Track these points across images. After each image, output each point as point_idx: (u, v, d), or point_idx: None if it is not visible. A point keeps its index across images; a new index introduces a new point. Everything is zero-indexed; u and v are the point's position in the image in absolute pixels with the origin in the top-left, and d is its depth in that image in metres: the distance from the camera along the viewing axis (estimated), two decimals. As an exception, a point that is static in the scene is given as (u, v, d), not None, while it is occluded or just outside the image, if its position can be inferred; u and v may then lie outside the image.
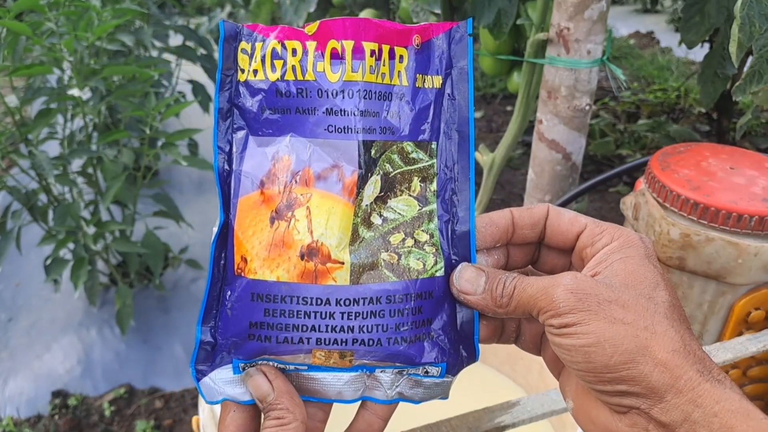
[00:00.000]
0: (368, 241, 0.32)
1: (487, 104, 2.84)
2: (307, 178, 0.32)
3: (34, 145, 1.16)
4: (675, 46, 3.41)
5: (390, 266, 0.32)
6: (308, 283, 0.31)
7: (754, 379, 0.71)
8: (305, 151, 0.32)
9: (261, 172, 0.32)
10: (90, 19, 1.09)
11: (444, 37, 0.34)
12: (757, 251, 0.64)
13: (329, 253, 0.31)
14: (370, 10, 1.42)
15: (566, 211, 0.35)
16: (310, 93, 0.32)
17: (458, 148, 0.35)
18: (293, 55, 0.32)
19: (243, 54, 0.33)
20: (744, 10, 0.67)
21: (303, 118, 0.32)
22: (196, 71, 1.63)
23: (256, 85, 0.32)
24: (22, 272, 1.52)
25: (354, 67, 0.32)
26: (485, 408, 0.48)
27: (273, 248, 0.31)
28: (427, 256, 0.33)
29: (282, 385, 0.32)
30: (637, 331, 0.29)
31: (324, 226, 0.31)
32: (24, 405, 1.19)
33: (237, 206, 0.32)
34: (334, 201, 0.31)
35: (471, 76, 0.35)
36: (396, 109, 0.33)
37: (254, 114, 0.33)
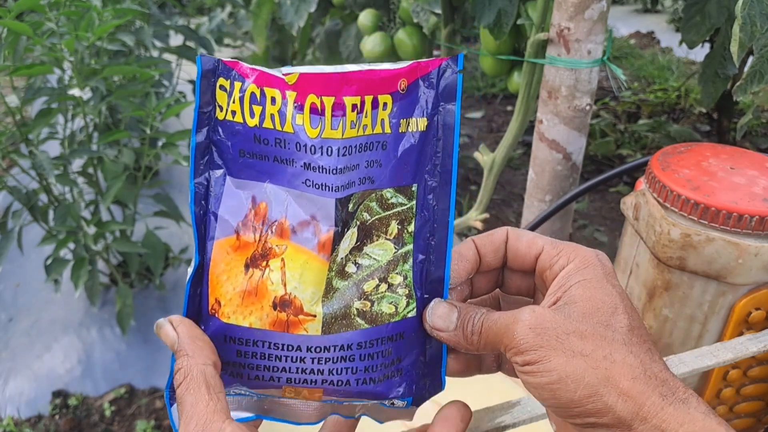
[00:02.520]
0: (342, 291, 0.32)
1: (487, 104, 2.84)
2: (282, 230, 0.31)
3: (34, 145, 1.16)
4: (675, 46, 3.41)
5: (362, 314, 0.32)
6: (280, 331, 0.31)
7: (755, 379, 0.71)
8: (282, 201, 0.31)
9: (238, 217, 0.32)
10: (90, 19, 1.09)
11: (434, 74, 0.33)
12: (758, 251, 0.64)
13: (302, 306, 0.31)
14: (371, 10, 1.42)
15: (524, 233, 0.36)
16: (289, 144, 0.31)
17: (440, 190, 0.34)
18: (272, 103, 0.31)
19: (221, 91, 0.31)
20: (745, 9, 0.67)
21: (281, 167, 0.31)
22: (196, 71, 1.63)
23: (234, 127, 0.31)
24: (22, 272, 1.52)
25: (333, 124, 0.31)
26: (485, 408, 0.48)
27: (246, 295, 0.31)
28: (399, 299, 0.33)
29: (184, 329, 0.32)
30: (596, 363, 0.29)
31: (298, 280, 0.31)
32: (24, 405, 1.19)
33: (212, 248, 0.32)
34: (308, 256, 0.31)
35: (458, 116, 0.34)
36: (377, 158, 0.32)
37: (232, 155, 0.32)
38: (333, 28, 1.68)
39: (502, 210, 1.92)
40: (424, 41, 1.38)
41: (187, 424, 0.29)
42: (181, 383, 0.30)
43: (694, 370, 0.55)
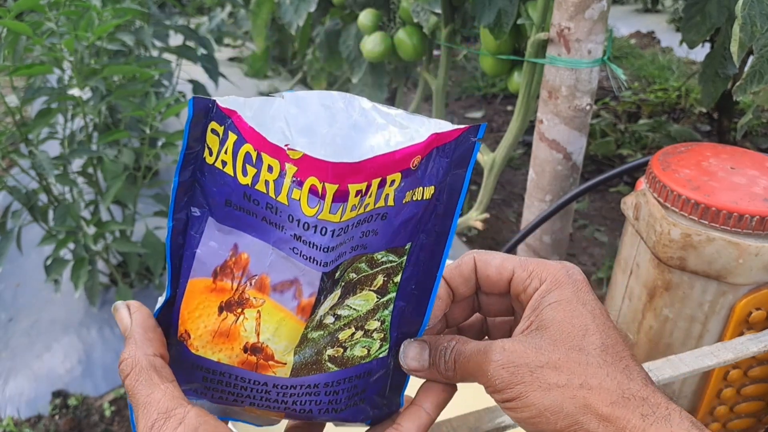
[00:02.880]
0: (316, 340, 0.32)
1: (487, 104, 2.84)
2: (262, 285, 0.30)
3: (34, 145, 1.16)
4: (676, 45, 3.40)
5: (334, 359, 0.32)
6: (248, 370, 0.31)
7: (755, 379, 0.71)
8: (266, 258, 0.30)
9: (216, 261, 0.31)
10: (90, 18, 1.09)
11: (451, 144, 0.31)
12: (758, 251, 0.64)
13: (273, 355, 0.31)
14: (371, 10, 1.42)
15: (492, 258, 0.35)
16: (281, 213, 0.29)
17: (434, 247, 0.33)
18: (269, 171, 0.28)
19: (213, 134, 0.29)
20: (745, 9, 0.67)
21: (269, 228, 0.30)
22: (196, 71, 1.63)
23: (224, 177, 0.29)
24: (22, 272, 1.52)
25: (333, 209, 0.28)
26: (486, 408, 0.48)
27: (218, 335, 0.31)
28: (373, 342, 0.33)
29: (139, 317, 0.31)
30: (573, 392, 0.29)
31: (272, 333, 0.31)
32: (24, 405, 1.19)
33: (187, 286, 0.31)
34: (286, 315, 0.30)
35: (467, 180, 0.32)
36: (375, 228, 0.31)
37: (218, 201, 0.30)
38: (333, 28, 1.68)
39: (502, 210, 1.92)
40: (424, 41, 1.38)
41: (147, 413, 0.28)
42: (129, 373, 0.29)
43: (695, 370, 0.55)
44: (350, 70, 1.57)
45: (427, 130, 0.30)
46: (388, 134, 0.30)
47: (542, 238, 1.04)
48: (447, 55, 1.37)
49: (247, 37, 2.95)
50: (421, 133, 0.30)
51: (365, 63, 1.53)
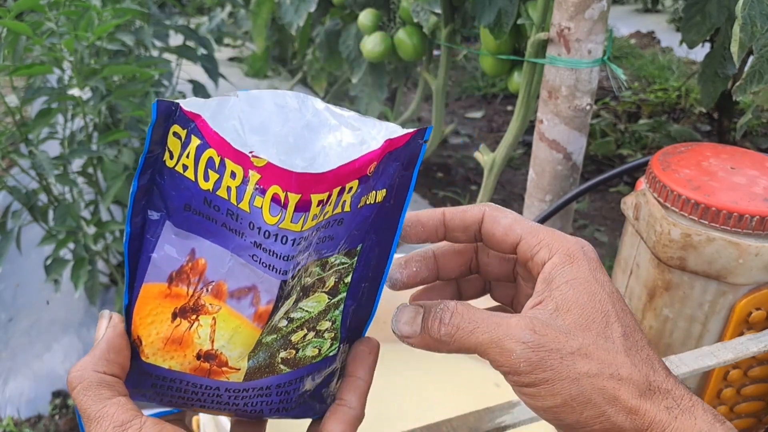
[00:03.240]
0: (270, 344, 0.31)
1: (487, 104, 2.84)
2: (219, 291, 0.30)
3: (34, 145, 1.16)
4: (676, 45, 3.40)
5: (286, 361, 0.32)
6: (200, 376, 0.31)
7: (755, 379, 0.71)
8: (223, 264, 0.29)
9: (172, 266, 0.30)
10: (90, 18, 1.09)
11: (401, 148, 0.31)
12: (758, 251, 0.64)
13: (227, 361, 0.30)
14: (371, 10, 1.42)
15: (503, 217, 0.33)
16: (241, 220, 0.28)
17: (383, 245, 0.33)
18: (231, 177, 0.28)
19: (175, 138, 0.29)
20: (745, 9, 0.67)
21: (229, 234, 0.29)
22: (196, 71, 1.63)
23: (184, 181, 0.29)
24: (22, 272, 1.52)
25: (294, 218, 0.28)
26: (486, 408, 0.48)
27: (170, 343, 0.30)
28: (324, 342, 0.33)
29: (110, 334, 0.30)
30: (603, 383, 0.28)
31: (227, 340, 0.30)
32: (24, 405, 1.19)
33: (140, 290, 0.31)
34: (242, 322, 0.30)
35: (414, 180, 0.32)
36: (331, 234, 0.31)
37: (176, 205, 0.29)
38: (333, 28, 1.68)
39: (502, 210, 1.92)
40: (424, 41, 1.37)
41: (100, 427, 0.27)
42: (76, 387, 0.28)
43: (695, 370, 0.55)
44: (350, 70, 1.57)
45: (379, 132, 0.30)
46: (340, 135, 0.30)
47: (542, 238, 1.04)
48: (447, 55, 1.37)
49: (247, 37, 2.95)
50: (374, 135, 0.30)
51: (365, 63, 1.53)
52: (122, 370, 0.30)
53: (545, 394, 0.28)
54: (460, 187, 2.03)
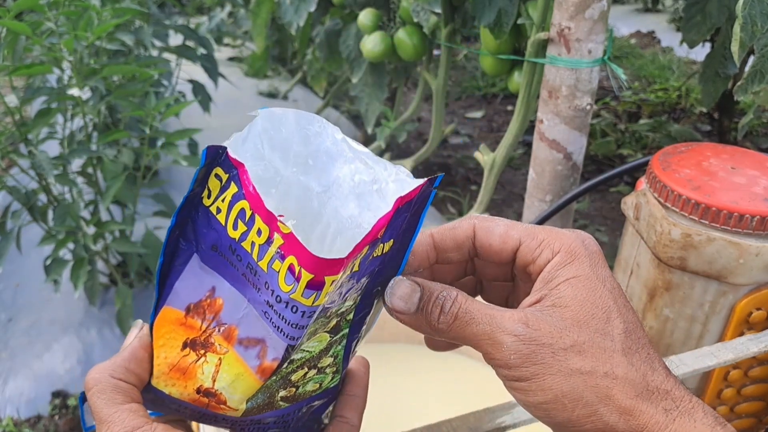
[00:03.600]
0: (269, 386, 0.31)
1: (487, 104, 2.83)
2: (230, 336, 0.30)
3: (33, 145, 1.16)
4: (676, 45, 3.40)
5: (285, 398, 0.32)
6: (199, 406, 0.31)
7: (756, 380, 0.71)
8: (239, 310, 0.30)
9: (192, 298, 0.31)
10: (90, 18, 1.09)
11: (412, 201, 0.30)
12: (759, 251, 0.64)
13: (226, 401, 0.31)
14: (371, 10, 1.42)
15: (496, 226, 0.32)
16: (259, 277, 0.29)
17: (386, 281, 0.32)
18: (257, 234, 0.28)
19: (216, 179, 0.29)
20: (746, 9, 0.67)
21: (247, 284, 0.29)
22: (196, 71, 1.63)
23: (214, 222, 0.30)
24: (21, 272, 1.52)
25: (305, 294, 0.28)
26: (486, 408, 0.48)
27: (175, 370, 0.31)
28: (326, 377, 0.33)
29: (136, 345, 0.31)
30: (597, 380, 0.27)
31: (228, 383, 0.30)
32: (24, 405, 1.19)
33: (159, 312, 0.31)
34: (245, 371, 0.30)
35: (422, 222, 0.32)
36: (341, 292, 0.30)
37: (205, 242, 0.30)
38: (333, 28, 1.68)
39: (502, 210, 1.92)
40: (424, 41, 1.37)
41: (109, 431, 0.28)
42: (91, 389, 0.29)
43: (695, 370, 0.55)
44: (350, 69, 1.57)
45: (389, 175, 0.30)
46: (354, 168, 0.30)
47: (542, 238, 1.04)
48: (447, 55, 1.37)
49: (246, 37, 2.95)
50: (384, 177, 0.30)
51: (365, 63, 1.53)
52: (140, 381, 0.31)
53: (535, 389, 0.28)
54: (460, 187, 2.03)
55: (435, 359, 0.79)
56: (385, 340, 0.79)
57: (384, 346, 0.79)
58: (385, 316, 0.34)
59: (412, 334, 0.91)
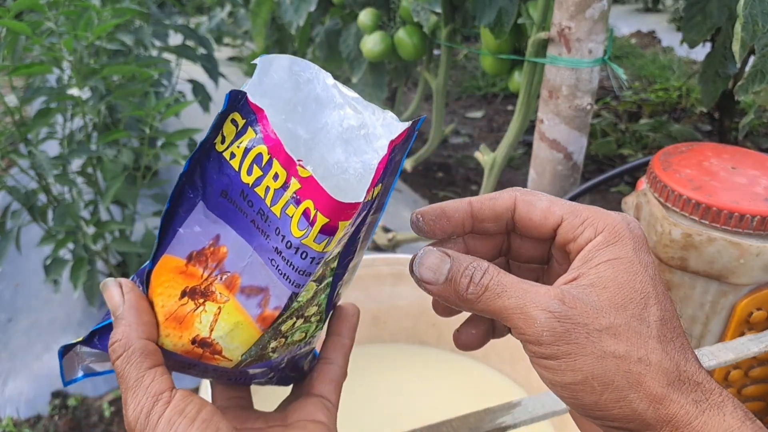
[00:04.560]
0: (262, 339, 0.31)
1: (488, 104, 2.83)
2: (232, 284, 0.30)
3: (33, 145, 1.15)
4: (676, 45, 3.40)
5: (275, 349, 0.32)
6: (191, 357, 0.31)
7: (756, 380, 0.71)
8: (243, 258, 0.30)
9: (194, 246, 0.30)
10: (89, 18, 1.09)
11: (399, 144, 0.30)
12: (759, 251, 0.64)
13: (221, 351, 0.31)
14: (371, 9, 1.42)
15: (537, 200, 0.31)
16: (270, 222, 0.29)
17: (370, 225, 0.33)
18: (273, 179, 0.28)
19: (231, 124, 0.29)
20: (747, 8, 0.66)
21: (255, 232, 0.29)
22: (196, 71, 1.63)
23: (227, 168, 0.29)
24: (21, 272, 1.52)
25: (318, 239, 0.28)
26: (486, 408, 0.47)
27: (171, 319, 0.31)
28: (311, 326, 0.33)
29: (132, 298, 0.31)
30: (630, 365, 0.26)
31: (226, 332, 0.30)
32: (24, 405, 1.19)
33: (159, 260, 0.31)
34: (245, 319, 0.30)
35: (402, 163, 0.32)
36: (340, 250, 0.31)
37: (213, 189, 0.30)
38: (333, 28, 1.68)
39: (502, 210, 1.92)
40: (424, 40, 1.37)
41: (136, 396, 0.28)
42: (121, 355, 0.29)
43: (696, 371, 0.55)
44: (350, 69, 1.57)
45: (377, 120, 0.30)
46: (342, 114, 0.30)
47: (542, 238, 1.04)
48: (447, 55, 1.37)
49: (246, 37, 2.95)
50: (372, 121, 0.30)
51: (365, 62, 1.53)
52: (155, 329, 0.31)
53: (565, 369, 0.27)
54: (460, 187, 2.03)
55: (435, 359, 0.79)
56: (385, 340, 0.79)
57: (384, 346, 0.79)
58: (385, 316, 0.34)
59: (412, 333, 0.91)
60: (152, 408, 0.28)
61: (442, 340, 0.79)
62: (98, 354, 0.33)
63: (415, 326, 0.79)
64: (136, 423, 0.28)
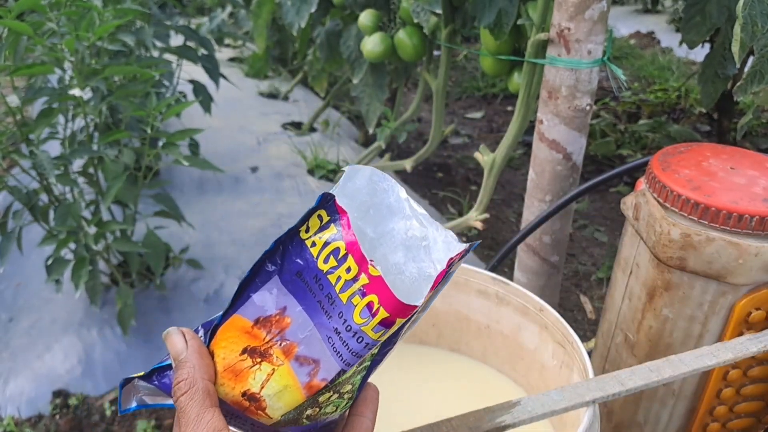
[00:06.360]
0: (303, 405, 0.34)
1: (487, 104, 2.84)
2: (289, 351, 0.34)
3: (35, 145, 1.16)
4: (676, 46, 3.41)
5: (309, 417, 0.35)
6: (236, 408, 0.35)
7: (755, 379, 0.71)
8: (303, 331, 0.34)
9: (263, 312, 0.34)
10: (91, 19, 1.09)
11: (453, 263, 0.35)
12: (758, 251, 0.64)
13: (265, 408, 0.34)
14: (371, 10, 1.42)
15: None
16: (335, 306, 0.33)
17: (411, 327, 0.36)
18: (347, 271, 0.33)
19: (317, 219, 0.34)
20: (746, 9, 0.67)
21: (319, 311, 0.34)
22: (197, 71, 1.63)
23: (305, 254, 0.34)
24: (23, 272, 1.52)
25: (376, 330, 0.33)
26: (486, 408, 0.48)
27: (228, 371, 0.34)
28: (342, 401, 0.36)
29: (195, 344, 0.34)
30: None
31: (275, 392, 0.34)
32: (25, 405, 1.19)
33: (230, 317, 0.35)
34: (295, 384, 0.34)
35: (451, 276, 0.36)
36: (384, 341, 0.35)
37: (291, 268, 0.34)
38: (333, 29, 1.68)
39: (502, 210, 1.92)
40: (424, 41, 1.38)
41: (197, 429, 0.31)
42: (185, 392, 0.33)
43: (695, 370, 0.55)
44: (351, 70, 1.57)
45: (440, 235, 0.35)
46: (409, 225, 0.35)
47: (542, 238, 1.04)
48: (447, 56, 1.37)
49: (247, 38, 2.95)
50: (435, 237, 0.35)
51: (366, 63, 1.53)
52: (214, 375, 0.34)
53: None
54: (460, 187, 2.03)
55: (435, 359, 0.80)
56: (386, 339, 0.79)
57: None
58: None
59: (412, 333, 0.91)
60: None
61: (442, 340, 0.80)
62: (152, 389, 0.37)
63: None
64: None
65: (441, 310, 0.78)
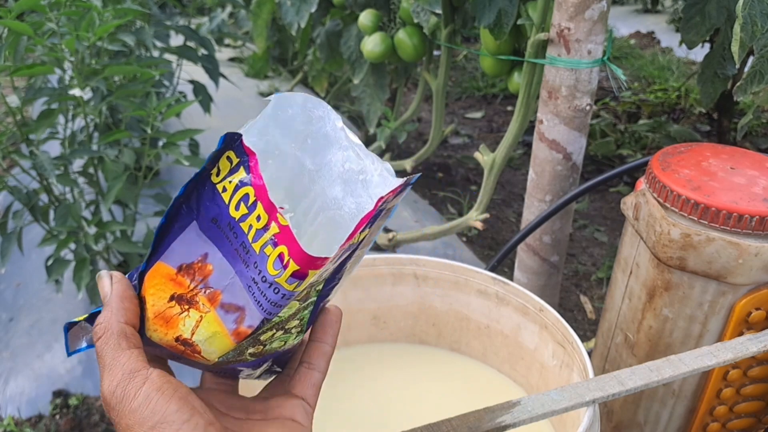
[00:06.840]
0: (240, 345, 0.34)
1: (487, 104, 2.84)
2: (214, 298, 0.33)
3: (35, 145, 1.16)
4: (675, 46, 3.41)
5: (253, 354, 0.35)
6: (175, 351, 0.34)
7: (755, 379, 0.71)
8: (226, 278, 0.33)
9: (185, 259, 0.33)
10: (91, 19, 1.09)
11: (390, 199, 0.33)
12: (758, 251, 0.64)
13: (200, 351, 0.34)
14: (371, 10, 1.42)
15: None
16: (250, 255, 0.32)
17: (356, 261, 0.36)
18: (257, 220, 0.32)
19: (227, 161, 0.32)
20: (746, 9, 0.67)
21: (238, 259, 0.33)
22: (197, 71, 1.63)
23: (218, 199, 0.32)
24: (23, 272, 1.52)
25: (289, 281, 0.32)
26: (486, 408, 0.48)
27: (159, 317, 0.34)
28: (290, 336, 0.36)
29: (119, 288, 0.34)
30: None
31: (205, 338, 0.33)
32: (25, 405, 1.19)
33: (154, 264, 0.34)
34: (222, 330, 0.33)
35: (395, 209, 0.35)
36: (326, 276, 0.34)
37: (206, 214, 0.33)
38: (333, 29, 1.68)
39: (502, 210, 1.92)
40: (424, 41, 1.38)
41: (111, 373, 0.31)
42: (101, 336, 0.32)
43: (695, 369, 0.55)
44: (351, 70, 1.57)
45: (375, 169, 0.34)
46: (346, 156, 0.33)
47: (542, 238, 1.04)
48: (447, 56, 1.37)
49: (247, 38, 2.95)
50: (371, 169, 0.33)
51: (366, 63, 1.53)
52: (136, 317, 0.34)
53: None
54: (460, 187, 2.03)
55: (435, 359, 0.80)
56: (385, 339, 0.79)
57: (384, 346, 0.79)
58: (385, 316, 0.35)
59: (412, 333, 0.91)
60: (128, 383, 0.30)
61: (442, 340, 0.80)
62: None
63: (415, 326, 0.79)
64: (112, 396, 0.30)
65: (441, 310, 0.78)
